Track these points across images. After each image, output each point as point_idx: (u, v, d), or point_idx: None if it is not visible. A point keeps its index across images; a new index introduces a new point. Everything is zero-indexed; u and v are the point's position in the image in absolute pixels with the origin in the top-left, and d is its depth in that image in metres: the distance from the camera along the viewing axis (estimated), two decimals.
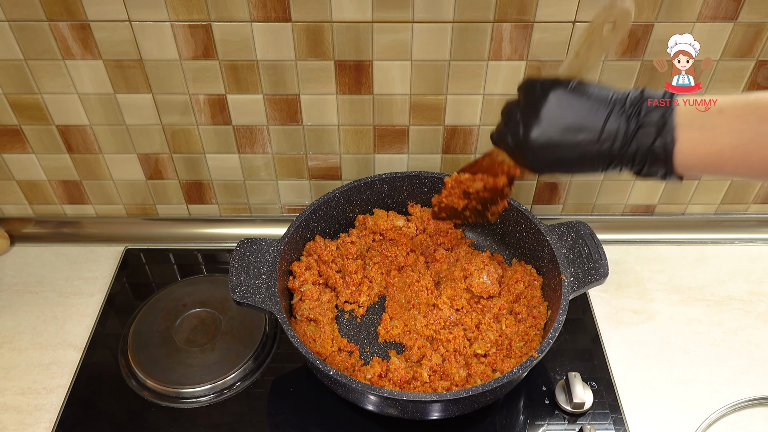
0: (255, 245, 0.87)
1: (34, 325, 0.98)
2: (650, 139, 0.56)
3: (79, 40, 0.87)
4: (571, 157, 0.60)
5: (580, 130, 0.59)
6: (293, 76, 0.92)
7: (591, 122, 0.58)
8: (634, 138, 0.57)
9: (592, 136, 0.58)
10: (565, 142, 0.60)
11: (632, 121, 0.57)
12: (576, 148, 0.59)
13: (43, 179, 1.06)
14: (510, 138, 0.64)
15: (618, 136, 0.57)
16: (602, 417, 0.86)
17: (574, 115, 0.59)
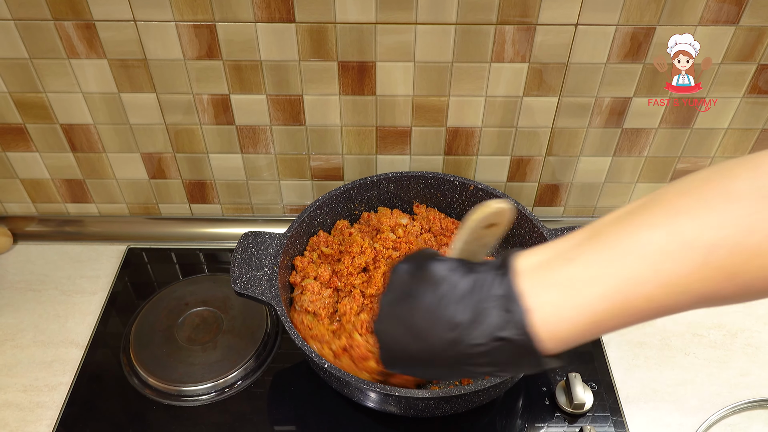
0: (258, 238, 0.88)
1: (36, 322, 0.99)
2: (497, 317, 0.42)
3: (84, 39, 0.87)
4: (414, 366, 0.49)
5: (411, 327, 0.47)
6: (296, 76, 0.92)
7: (428, 306, 0.46)
8: (477, 320, 0.43)
9: (424, 323, 0.46)
10: (401, 338, 0.48)
11: (473, 300, 0.44)
12: (410, 338, 0.47)
13: (47, 178, 1.07)
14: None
15: (457, 321, 0.44)
16: (602, 418, 0.87)
17: (401, 315, 0.48)
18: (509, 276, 0.43)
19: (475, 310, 0.43)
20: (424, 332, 0.46)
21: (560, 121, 0.98)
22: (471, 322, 0.43)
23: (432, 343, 0.45)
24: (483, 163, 1.04)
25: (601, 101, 0.95)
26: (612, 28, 0.86)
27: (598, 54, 0.89)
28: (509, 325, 0.42)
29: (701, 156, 1.02)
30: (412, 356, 0.48)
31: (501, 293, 0.43)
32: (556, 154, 1.03)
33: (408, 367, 0.51)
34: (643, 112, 0.96)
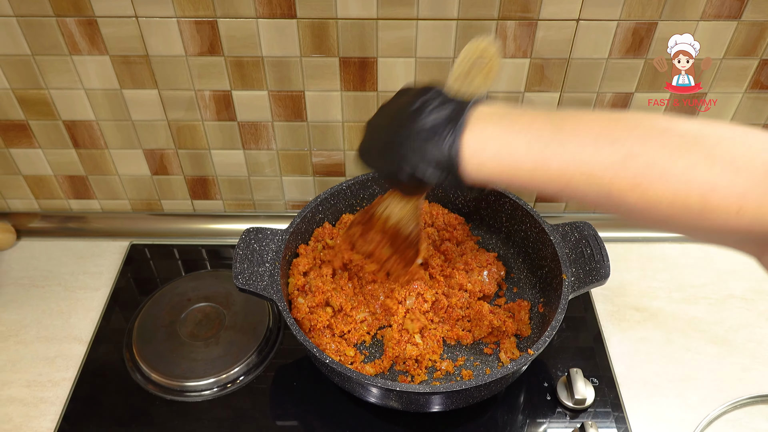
0: (260, 234, 0.88)
1: (39, 318, 0.99)
2: (445, 139, 0.53)
3: (86, 35, 0.88)
4: (379, 166, 0.62)
5: (388, 137, 0.60)
6: (298, 72, 0.92)
7: (395, 128, 0.59)
8: (434, 139, 0.54)
9: (394, 140, 0.58)
10: (374, 152, 0.62)
11: (432, 125, 0.55)
12: (381, 156, 0.61)
13: (50, 174, 1.07)
14: None
15: (416, 138, 0.55)
16: (603, 414, 0.87)
17: (384, 125, 0.62)
18: (468, 109, 0.54)
19: (437, 130, 0.54)
20: (396, 125, 0.58)
21: None
22: (426, 139, 0.54)
23: (397, 134, 0.57)
24: None
25: (602, 97, 0.95)
26: (614, 23, 0.86)
27: (600, 49, 0.89)
28: (449, 146, 0.52)
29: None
30: (381, 144, 0.60)
31: (456, 122, 0.53)
32: None
33: (375, 153, 0.62)
34: (645, 107, 0.95)
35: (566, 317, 0.80)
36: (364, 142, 0.64)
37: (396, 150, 0.57)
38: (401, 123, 0.57)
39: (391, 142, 0.58)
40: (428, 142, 0.54)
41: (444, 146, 0.52)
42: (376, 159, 0.62)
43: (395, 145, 0.57)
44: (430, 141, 0.53)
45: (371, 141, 0.63)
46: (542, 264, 0.92)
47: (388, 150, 0.59)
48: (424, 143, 0.54)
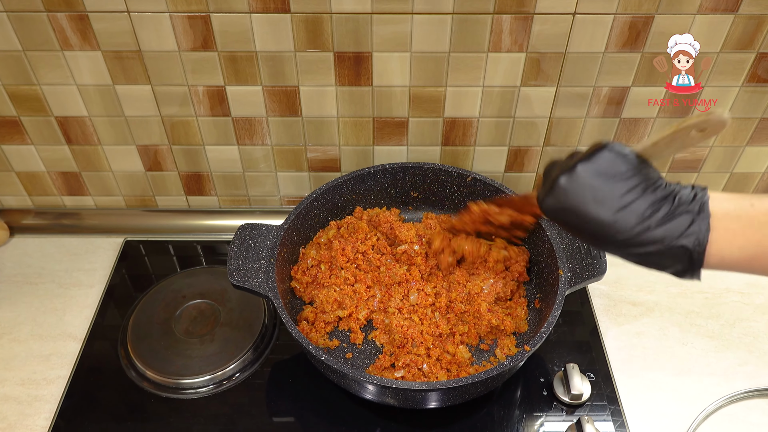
0: (255, 230, 0.88)
1: (33, 316, 0.99)
2: (683, 226, 0.53)
3: (77, 30, 0.87)
4: (587, 213, 0.57)
5: (615, 183, 0.56)
6: (292, 67, 0.91)
7: (628, 182, 0.56)
8: (665, 222, 0.54)
9: (616, 204, 0.55)
10: (588, 196, 0.56)
11: (666, 200, 0.54)
12: (593, 207, 0.56)
13: (42, 170, 1.06)
14: (552, 171, 0.60)
15: (647, 215, 0.54)
16: (600, 408, 0.87)
17: (616, 170, 0.56)
18: (705, 198, 0.54)
19: (668, 213, 0.53)
20: (610, 207, 0.55)
21: (558, 111, 0.97)
22: (660, 221, 0.53)
23: (612, 219, 0.55)
24: (481, 153, 1.04)
25: (599, 91, 0.94)
26: (610, 17, 0.85)
27: (596, 43, 0.88)
28: (691, 236, 0.53)
29: (699, 145, 1.02)
30: (583, 216, 0.57)
31: (694, 209, 0.53)
32: (554, 144, 1.02)
33: (569, 218, 0.58)
34: (642, 102, 0.95)
35: (562, 312, 0.80)
36: (570, 181, 0.57)
37: (617, 205, 0.55)
38: (628, 178, 0.55)
39: (612, 192, 0.55)
40: (665, 221, 0.54)
41: (685, 234, 0.53)
42: (584, 198, 0.56)
43: (619, 198, 0.55)
44: (668, 220, 0.54)
45: (579, 177, 0.57)
46: (539, 259, 0.92)
47: (606, 198, 0.55)
48: (659, 220, 0.54)
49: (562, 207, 0.58)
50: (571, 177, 0.57)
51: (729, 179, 1.08)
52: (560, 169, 0.59)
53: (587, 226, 0.57)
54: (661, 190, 0.55)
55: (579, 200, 0.57)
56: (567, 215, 0.58)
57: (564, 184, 0.57)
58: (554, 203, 0.59)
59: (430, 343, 0.85)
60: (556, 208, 0.59)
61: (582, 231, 0.58)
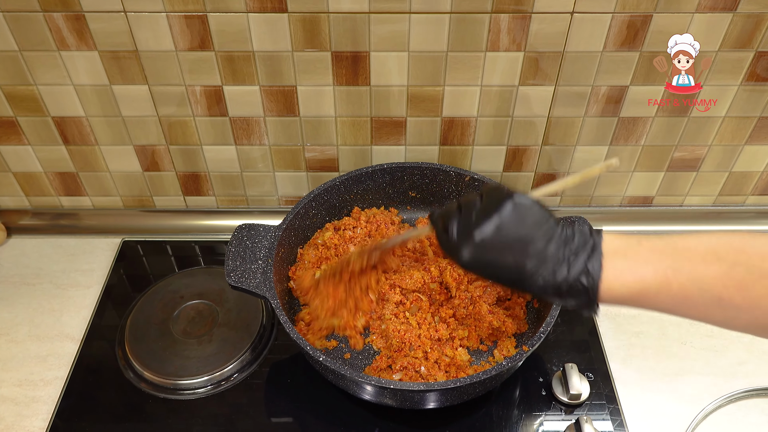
0: (253, 231, 0.88)
1: (31, 316, 0.98)
2: (581, 266, 0.57)
3: (74, 30, 0.86)
4: (506, 264, 0.60)
5: (525, 241, 0.59)
6: (290, 67, 0.91)
7: (537, 238, 0.59)
8: (570, 264, 0.57)
9: (533, 251, 0.59)
10: (508, 249, 0.60)
11: (567, 245, 0.58)
12: (514, 254, 0.59)
13: (40, 171, 1.06)
14: (457, 226, 0.63)
15: (554, 258, 0.58)
16: (598, 407, 0.87)
17: (524, 226, 0.60)
18: (598, 239, 0.58)
19: (570, 255, 0.58)
20: (527, 257, 0.58)
21: (556, 110, 0.97)
22: (565, 263, 0.57)
23: (530, 269, 0.58)
24: (479, 153, 1.04)
25: (597, 90, 0.94)
26: (608, 16, 0.85)
27: (595, 42, 0.88)
28: (588, 274, 0.56)
29: (698, 144, 1.02)
30: (500, 267, 0.60)
31: (589, 249, 0.57)
32: (552, 143, 1.02)
33: (486, 269, 0.61)
34: (640, 101, 0.95)
35: (561, 311, 0.80)
36: (481, 228, 0.60)
37: (531, 254, 0.58)
38: (536, 227, 0.59)
39: (526, 243, 0.59)
40: (567, 263, 0.57)
41: (583, 273, 0.57)
42: (502, 251, 0.60)
43: (532, 248, 0.59)
44: (569, 262, 0.57)
45: (494, 233, 0.60)
46: None
47: (522, 250, 0.59)
48: (563, 262, 0.57)
49: (479, 261, 0.61)
50: (486, 233, 0.60)
51: (728, 178, 1.08)
52: (465, 224, 0.62)
53: (504, 275, 0.60)
54: (562, 233, 0.59)
55: (496, 254, 0.60)
56: (484, 268, 0.61)
57: (480, 241, 0.60)
58: (471, 258, 0.61)
59: (428, 347, 0.85)
60: (474, 263, 0.61)
61: (498, 279, 0.62)
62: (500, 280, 0.62)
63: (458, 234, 0.62)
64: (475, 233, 0.60)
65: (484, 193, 0.64)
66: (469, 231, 0.61)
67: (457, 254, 0.62)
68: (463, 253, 0.61)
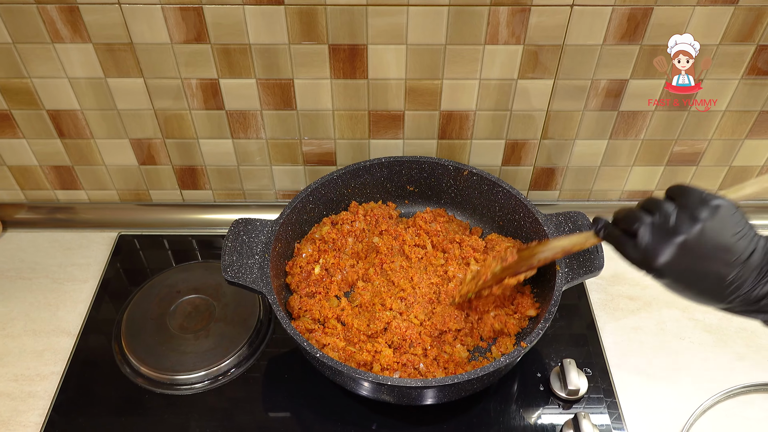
0: (249, 225, 0.87)
1: (27, 311, 0.98)
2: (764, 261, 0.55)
3: (68, 23, 0.85)
4: (706, 272, 0.57)
5: (728, 251, 0.56)
6: (287, 60, 0.90)
7: (740, 248, 0.56)
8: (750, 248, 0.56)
9: (736, 261, 0.56)
10: (709, 256, 0.57)
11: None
12: (717, 263, 0.57)
13: (35, 164, 1.05)
14: (651, 229, 0.59)
15: (757, 267, 0.56)
16: (597, 402, 0.86)
17: (726, 234, 0.57)
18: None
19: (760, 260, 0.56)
20: (722, 262, 0.56)
21: (556, 104, 0.96)
22: (765, 274, 0.56)
23: (725, 272, 0.56)
24: (477, 147, 1.03)
25: (597, 83, 0.93)
26: (608, 9, 0.84)
27: (595, 35, 0.87)
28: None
29: (698, 138, 1.01)
30: (703, 274, 0.57)
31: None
32: (551, 137, 1.01)
33: (687, 276, 0.58)
34: (640, 95, 0.94)
35: (559, 306, 0.79)
36: (684, 232, 0.57)
37: (734, 263, 0.56)
38: (740, 236, 0.57)
39: (729, 252, 0.56)
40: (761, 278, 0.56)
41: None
42: (703, 259, 0.57)
43: (735, 257, 0.56)
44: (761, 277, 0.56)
45: (698, 238, 0.57)
46: None
47: (724, 258, 0.56)
48: (759, 279, 0.56)
49: (677, 267, 0.57)
50: (690, 237, 0.57)
51: (727, 172, 1.07)
52: (662, 227, 0.58)
53: (701, 285, 0.58)
54: (764, 244, 0.57)
55: (696, 261, 0.57)
56: (680, 275, 0.58)
57: (683, 244, 0.57)
58: (669, 263, 0.57)
59: (428, 344, 0.84)
60: (671, 269, 0.58)
61: (693, 288, 0.58)
62: (695, 290, 0.59)
63: (654, 237, 0.58)
64: (677, 237, 0.57)
65: (678, 194, 0.60)
66: (668, 233, 0.57)
67: (652, 259, 0.58)
68: (661, 258, 0.57)
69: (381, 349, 0.82)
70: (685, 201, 0.59)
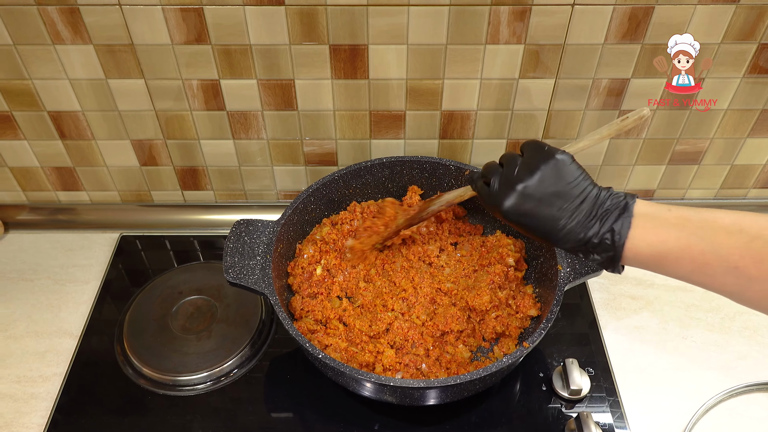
0: (251, 226, 0.87)
1: (29, 312, 0.98)
2: (611, 223, 0.62)
3: (68, 24, 0.85)
4: (542, 215, 0.65)
5: (562, 197, 0.64)
6: (287, 60, 0.90)
7: (573, 195, 0.64)
8: (602, 220, 0.62)
9: (569, 206, 0.64)
10: (545, 202, 0.64)
11: (600, 206, 0.63)
12: (551, 208, 0.64)
13: (36, 166, 1.05)
14: (500, 179, 0.68)
15: (586, 215, 0.63)
16: (599, 402, 0.86)
17: (562, 183, 0.65)
18: (632, 201, 0.62)
19: (601, 213, 0.63)
20: (565, 211, 0.64)
21: (557, 103, 0.96)
22: (592, 218, 0.63)
23: (566, 222, 0.63)
24: (479, 146, 1.03)
25: (598, 83, 0.93)
26: (609, 8, 0.84)
27: (596, 34, 0.87)
28: (615, 231, 0.61)
29: (700, 137, 1.01)
30: (540, 218, 0.65)
31: (620, 209, 0.62)
32: (553, 136, 1.01)
33: (526, 220, 0.66)
34: (642, 93, 0.94)
35: (561, 305, 0.79)
36: (524, 181, 0.65)
37: (567, 208, 0.64)
38: (574, 185, 0.64)
39: (563, 199, 0.64)
40: (598, 220, 0.63)
41: (610, 230, 0.62)
42: (540, 203, 0.65)
43: (568, 203, 0.64)
44: (601, 220, 0.62)
45: (536, 186, 0.65)
46: (537, 254, 0.91)
47: (558, 204, 0.64)
48: (594, 219, 0.63)
49: (518, 210, 0.66)
50: (528, 185, 0.65)
51: (729, 171, 1.07)
52: (508, 176, 0.67)
53: (539, 226, 0.65)
54: (597, 194, 0.64)
55: (534, 205, 0.65)
56: (522, 217, 0.66)
57: (522, 190, 0.65)
58: (512, 206, 0.66)
59: (430, 345, 0.84)
60: (514, 211, 0.66)
61: (532, 229, 0.66)
62: (534, 231, 0.66)
63: (501, 185, 0.68)
64: (518, 185, 0.65)
65: (525, 149, 0.69)
66: (511, 182, 0.66)
67: (499, 204, 0.67)
68: (506, 203, 0.66)
69: (383, 349, 0.82)
70: (530, 154, 0.67)
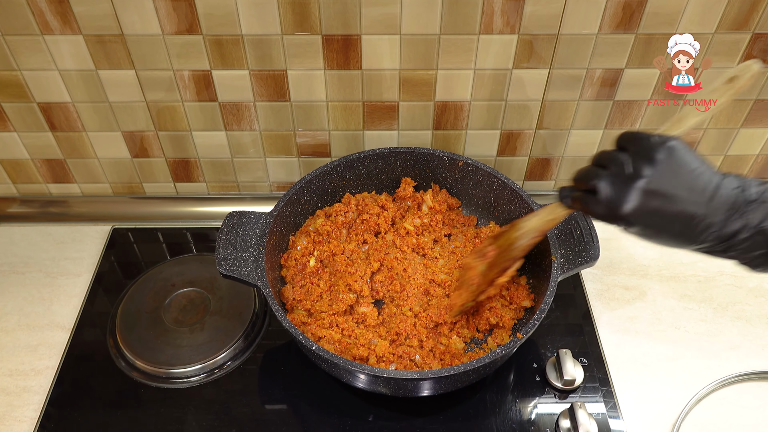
0: (244, 218, 0.86)
1: (20, 306, 0.97)
2: (762, 214, 0.55)
3: (57, 14, 0.84)
4: (673, 211, 0.57)
5: (688, 189, 0.56)
6: (280, 51, 0.89)
7: (702, 185, 0.56)
8: (740, 213, 0.55)
9: (701, 198, 0.56)
10: (674, 196, 0.56)
11: (741, 195, 0.56)
12: (682, 203, 0.56)
13: (27, 158, 1.04)
14: (610, 180, 0.59)
15: (724, 203, 0.56)
16: (593, 393, 0.87)
17: (684, 172, 0.57)
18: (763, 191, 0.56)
19: (743, 203, 0.56)
20: (687, 201, 0.56)
21: (551, 94, 0.96)
22: (734, 209, 0.56)
23: (691, 211, 0.56)
24: (472, 137, 1.03)
25: (592, 73, 0.93)
26: None
27: (590, 24, 0.87)
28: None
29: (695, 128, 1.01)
30: (664, 213, 0.57)
31: (764, 197, 0.56)
32: (546, 127, 1.01)
33: (653, 219, 0.58)
34: (636, 84, 0.94)
35: (555, 296, 0.79)
36: (643, 176, 0.57)
37: (700, 201, 0.56)
38: (699, 174, 0.57)
39: (692, 190, 0.56)
40: (740, 212, 0.56)
41: (747, 224, 0.56)
42: (667, 199, 0.57)
43: (700, 194, 0.56)
44: (743, 211, 0.56)
45: (658, 180, 0.57)
46: None
47: (688, 197, 0.56)
48: (736, 211, 0.56)
49: (644, 211, 0.57)
50: (650, 180, 0.56)
51: (723, 161, 1.07)
52: (619, 175, 0.58)
53: (670, 226, 0.57)
54: (731, 181, 0.56)
55: (661, 202, 0.56)
56: (650, 218, 0.57)
57: (645, 187, 0.57)
58: (636, 208, 0.57)
59: (424, 336, 0.84)
60: (639, 213, 0.57)
61: (664, 231, 0.58)
62: (665, 233, 0.58)
63: (614, 187, 0.58)
64: (637, 182, 0.57)
65: (625, 142, 0.60)
66: (627, 181, 0.57)
67: (619, 208, 0.58)
68: (626, 205, 0.57)
69: (377, 340, 0.82)
70: (638, 147, 0.58)
